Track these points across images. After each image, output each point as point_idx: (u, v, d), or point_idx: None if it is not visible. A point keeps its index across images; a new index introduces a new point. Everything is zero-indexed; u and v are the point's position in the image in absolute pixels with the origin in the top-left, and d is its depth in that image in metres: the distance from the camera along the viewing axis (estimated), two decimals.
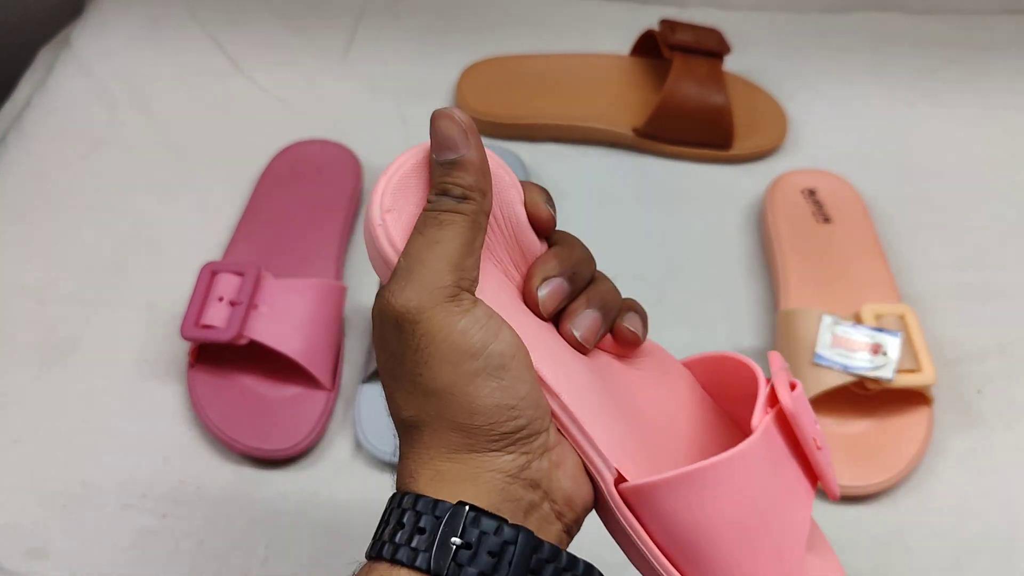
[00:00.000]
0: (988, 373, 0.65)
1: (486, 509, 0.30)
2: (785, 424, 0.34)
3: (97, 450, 0.61)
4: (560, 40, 0.86)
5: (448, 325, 0.31)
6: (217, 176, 0.76)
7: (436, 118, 0.33)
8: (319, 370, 0.61)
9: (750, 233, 0.74)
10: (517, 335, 0.32)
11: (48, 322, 0.67)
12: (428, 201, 0.32)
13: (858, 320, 0.61)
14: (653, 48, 0.80)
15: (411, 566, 0.30)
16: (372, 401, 0.61)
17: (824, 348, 0.60)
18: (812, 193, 0.73)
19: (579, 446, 0.33)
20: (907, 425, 0.61)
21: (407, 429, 0.33)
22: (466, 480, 0.31)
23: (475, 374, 0.31)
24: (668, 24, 0.78)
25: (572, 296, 0.36)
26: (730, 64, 0.80)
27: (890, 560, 0.58)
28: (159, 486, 0.60)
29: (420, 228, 0.32)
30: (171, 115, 0.81)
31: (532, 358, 0.33)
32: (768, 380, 0.35)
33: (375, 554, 0.31)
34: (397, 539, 0.30)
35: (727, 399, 0.39)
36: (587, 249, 0.37)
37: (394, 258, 0.32)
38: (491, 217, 0.34)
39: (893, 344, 0.59)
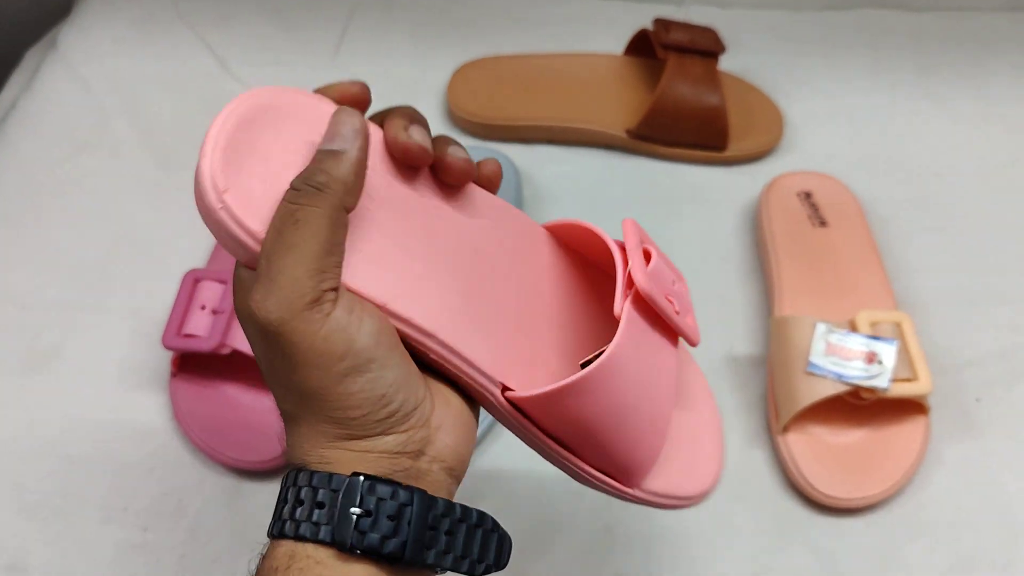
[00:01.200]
0: (987, 380, 0.64)
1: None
2: (644, 301, 0.37)
3: (78, 461, 0.60)
4: (553, 40, 0.85)
5: (310, 334, 0.31)
6: None
7: (337, 112, 0.34)
8: None
9: (745, 236, 0.73)
10: (380, 316, 0.33)
11: (31, 329, 0.66)
12: (290, 187, 0.32)
13: (853, 328, 0.60)
14: (647, 48, 0.79)
15: (315, 540, 0.31)
16: None
17: (818, 357, 0.58)
18: (808, 196, 0.71)
19: (463, 372, 0.35)
20: (903, 435, 0.59)
21: (289, 419, 0.34)
22: (353, 462, 0.32)
23: (344, 374, 0.31)
24: (662, 23, 0.76)
25: None
26: (725, 63, 0.78)
27: (886, 572, 0.56)
28: (141, 499, 0.59)
29: (277, 227, 0.31)
30: (158, 117, 0.80)
31: (402, 302, 0.33)
32: (623, 250, 0.38)
33: (277, 533, 0.32)
34: (297, 515, 0.31)
35: (590, 262, 0.43)
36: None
37: (249, 241, 0.32)
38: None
39: (888, 353, 0.58)
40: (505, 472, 0.60)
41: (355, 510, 0.31)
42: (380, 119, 0.36)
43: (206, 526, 0.58)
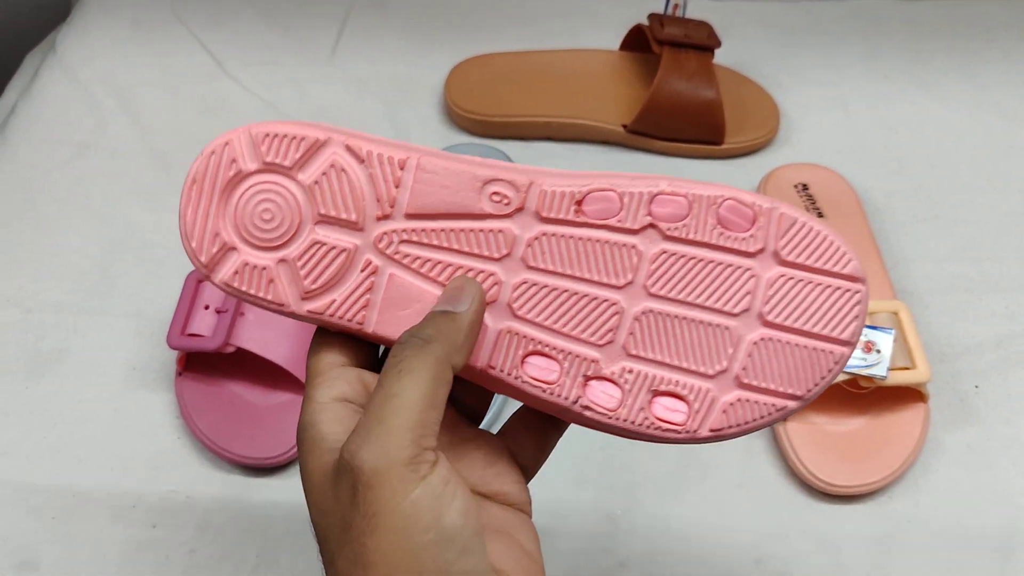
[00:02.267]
0: (985, 368, 0.65)
1: None
2: None
3: (86, 460, 0.60)
4: (548, 36, 0.85)
5: (401, 493, 0.29)
6: None
7: (459, 279, 0.34)
8: None
9: None
10: (471, 497, 0.31)
11: (35, 331, 0.66)
12: (397, 341, 0.32)
13: None
14: (642, 43, 0.80)
15: None
16: None
17: None
18: (805, 187, 0.72)
19: None
20: (902, 423, 0.60)
21: None
22: None
23: (423, 548, 0.29)
24: (657, 18, 0.77)
25: None
26: (720, 56, 0.79)
27: (887, 559, 0.57)
28: (149, 496, 0.59)
29: (381, 379, 0.31)
30: (156, 119, 0.80)
31: None
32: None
33: None
34: None
35: None
36: None
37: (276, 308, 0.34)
38: None
39: (886, 341, 0.59)
40: None
41: None
42: None
43: (214, 522, 0.58)
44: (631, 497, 0.59)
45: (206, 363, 0.62)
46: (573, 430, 0.38)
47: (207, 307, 0.60)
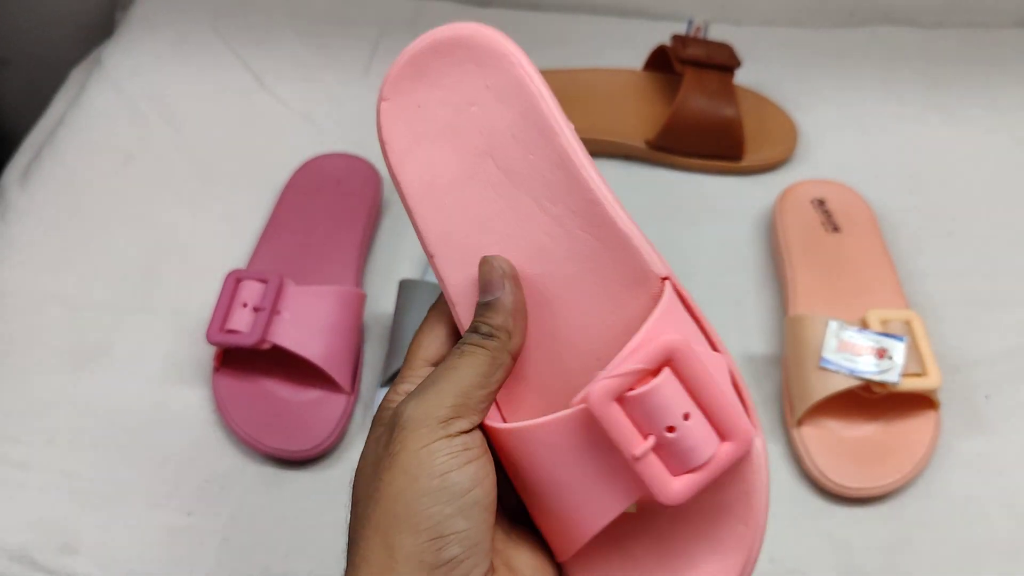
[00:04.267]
0: (996, 379, 0.66)
1: None
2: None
3: (126, 450, 0.63)
4: (574, 56, 0.88)
5: (424, 439, 0.33)
6: (242, 188, 0.79)
7: (480, 264, 0.36)
8: (339, 374, 0.63)
9: (760, 242, 0.75)
10: (489, 477, 0.33)
11: (80, 328, 0.69)
12: (462, 339, 0.36)
13: (864, 325, 0.62)
14: (665, 63, 0.82)
15: None
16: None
17: (830, 352, 0.61)
18: (821, 203, 0.74)
19: None
20: (914, 428, 0.62)
21: (351, 545, 0.34)
22: None
23: (424, 493, 0.32)
24: (680, 39, 0.79)
25: None
26: (741, 77, 0.82)
27: (897, 562, 0.59)
28: (185, 486, 0.62)
29: (448, 355, 0.35)
30: (198, 130, 0.83)
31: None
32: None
33: None
34: None
35: None
36: None
37: (382, 149, 0.37)
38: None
39: (898, 348, 0.61)
40: None
41: None
42: None
43: (247, 512, 0.60)
44: None
45: (242, 359, 0.65)
46: None
47: (245, 305, 0.63)
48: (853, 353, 0.61)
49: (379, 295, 0.71)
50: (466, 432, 0.34)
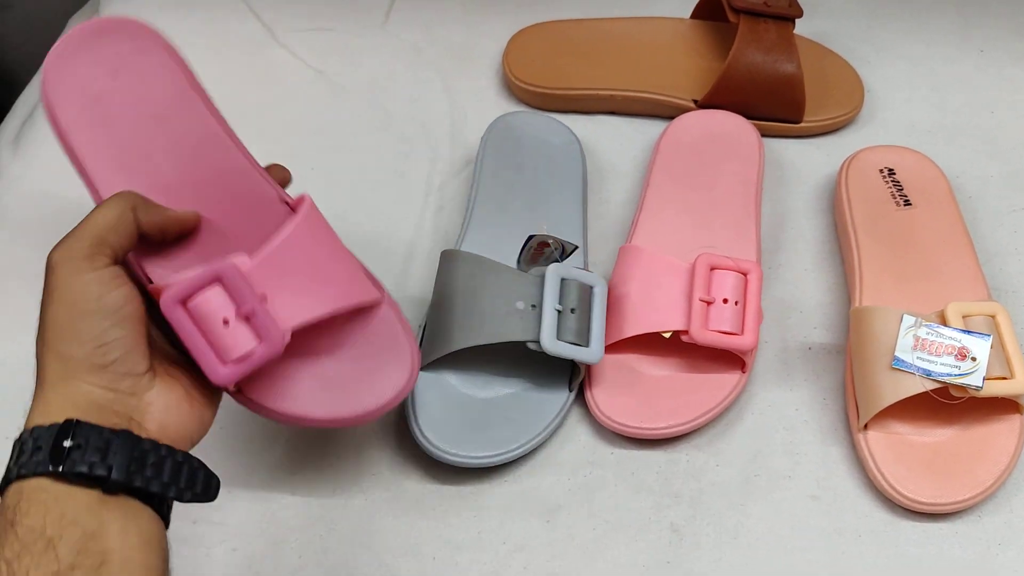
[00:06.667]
0: None
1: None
2: None
3: None
4: (614, 3, 0.81)
5: (74, 276, 0.41)
6: (253, 151, 0.72)
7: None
8: (362, 291, 0.52)
9: (821, 215, 0.69)
10: (135, 298, 0.43)
11: None
12: None
13: (942, 321, 0.56)
14: (716, 11, 0.75)
15: (35, 474, 0.38)
16: (427, 390, 0.57)
17: (904, 352, 0.54)
18: (891, 172, 0.67)
19: None
20: (996, 436, 0.55)
21: (37, 378, 0.42)
22: (67, 410, 0.40)
23: (85, 314, 0.41)
24: None
25: None
26: (800, 27, 0.74)
27: None
28: None
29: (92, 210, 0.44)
30: (204, 84, 0.77)
31: None
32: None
33: (4, 483, 0.39)
34: (21, 461, 0.39)
35: None
36: None
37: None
38: None
39: (982, 348, 0.54)
40: (570, 466, 0.58)
41: (67, 443, 0.38)
42: None
43: (256, 521, 0.56)
44: (696, 507, 0.56)
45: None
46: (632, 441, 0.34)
47: (226, 322, 0.46)
48: (930, 353, 0.54)
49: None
50: (109, 262, 0.42)
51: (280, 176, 0.55)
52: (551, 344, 0.54)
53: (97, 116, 0.50)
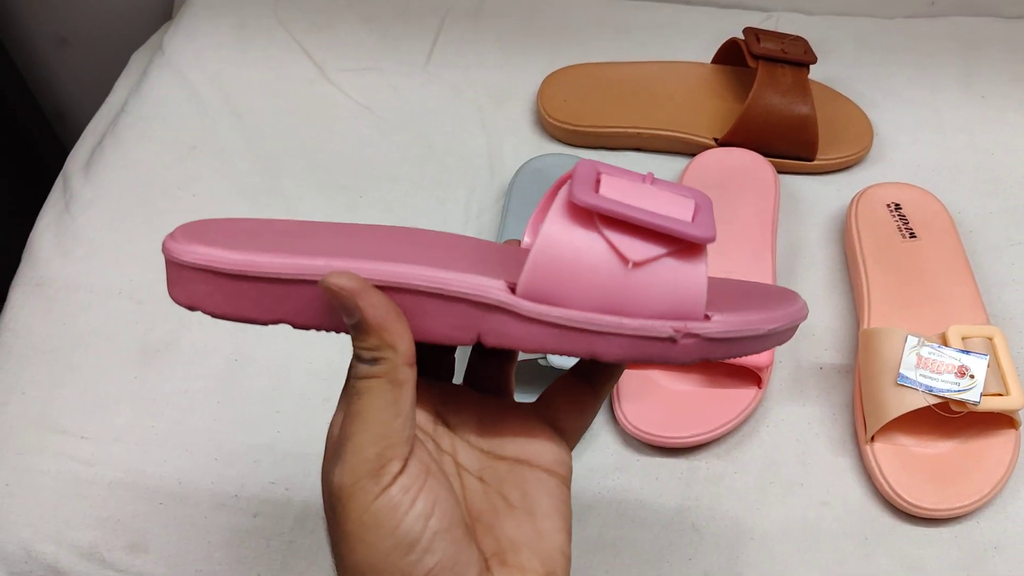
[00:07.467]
0: None
1: None
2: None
3: (192, 450, 0.63)
4: (641, 48, 0.86)
5: (362, 506, 0.32)
6: (304, 182, 0.78)
7: (325, 287, 0.32)
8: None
9: (832, 246, 0.73)
10: (437, 498, 0.33)
11: (145, 323, 0.70)
12: (349, 367, 0.33)
13: (944, 341, 0.61)
14: (736, 56, 0.80)
15: None
16: None
17: (908, 369, 0.59)
18: (897, 207, 0.72)
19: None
20: (993, 448, 0.60)
21: None
22: None
23: (384, 554, 0.32)
24: (752, 32, 0.77)
25: None
26: (815, 72, 0.79)
27: None
28: (250, 486, 0.62)
29: (343, 402, 0.34)
30: (259, 121, 0.83)
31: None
32: None
33: None
34: None
35: None
36: None
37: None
38: None
39: (979, 367, 0.59)
40: (600, 471, 0.62)
41: None
42: None
43: (312, 516, 0.61)
44: (715, 509, 0.60)
45: None
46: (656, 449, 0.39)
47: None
48: (932, 370, 0.59)
49: None
50: (399, 469, 0.32)
51: None
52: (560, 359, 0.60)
53: None
